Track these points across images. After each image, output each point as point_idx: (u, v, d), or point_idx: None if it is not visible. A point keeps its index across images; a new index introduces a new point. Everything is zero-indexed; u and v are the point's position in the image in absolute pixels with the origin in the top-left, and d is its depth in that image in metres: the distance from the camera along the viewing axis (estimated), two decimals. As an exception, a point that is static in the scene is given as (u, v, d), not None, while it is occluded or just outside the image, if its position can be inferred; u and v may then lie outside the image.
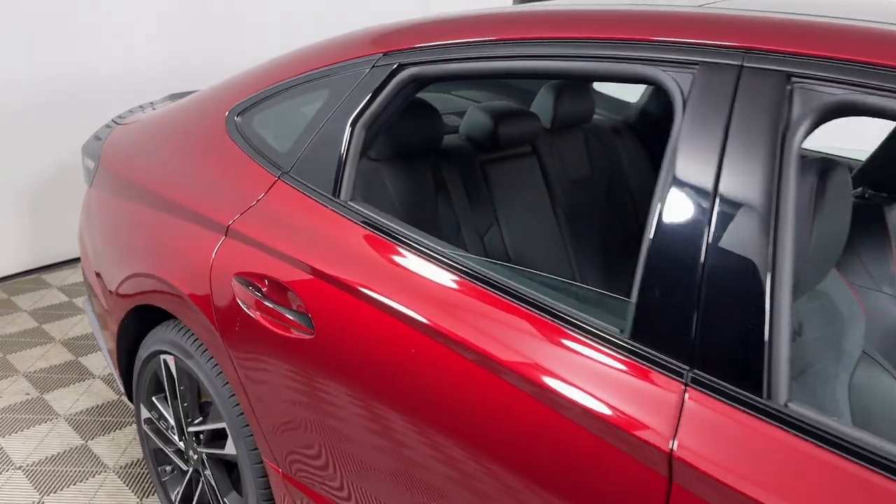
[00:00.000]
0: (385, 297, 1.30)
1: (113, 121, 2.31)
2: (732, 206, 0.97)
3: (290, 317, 1.45)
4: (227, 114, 1.80)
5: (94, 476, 2.33)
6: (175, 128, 1.96)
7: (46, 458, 2.40)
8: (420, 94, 1.85)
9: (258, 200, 1.60)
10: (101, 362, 2.96)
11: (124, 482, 2.30)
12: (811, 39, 0.97)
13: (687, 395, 0.96)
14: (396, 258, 1.35)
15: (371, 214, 1.44)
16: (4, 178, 3.56)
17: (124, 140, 2.12)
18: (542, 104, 2.33)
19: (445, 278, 1.26)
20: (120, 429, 2.56)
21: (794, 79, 0.97)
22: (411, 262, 1.32)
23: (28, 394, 2.75)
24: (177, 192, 1.79)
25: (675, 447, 0.94)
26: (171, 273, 1.73)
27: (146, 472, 2.30)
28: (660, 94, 2.54)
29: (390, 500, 1.35)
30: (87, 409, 2.67)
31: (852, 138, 2.05)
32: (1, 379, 2.84)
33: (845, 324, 1.40)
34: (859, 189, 1.84)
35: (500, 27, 1.31)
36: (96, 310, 2.18)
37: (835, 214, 1.19)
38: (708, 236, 0.98)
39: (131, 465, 2.38)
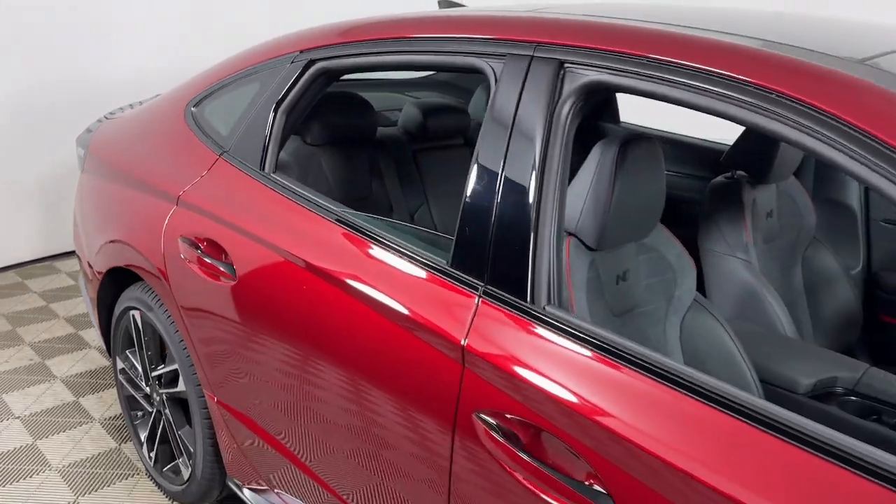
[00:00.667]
0: (287, 247, 1.61)
1: (104, 116, 2.67)
2: (515, 164, 1.27)
3: (221, 267, 1.77)
4: (185, 105, 2.14)
5: (81, 426, 2.66)
6: (146, 118, 2.30)
7: (42, 410, 2.74)
8: (369, 94, 2.18)
9: (202, 176, 1.93)
10: (99, 337, 3.31)
11: (107, 431, 2.63)
12: (578, 35, 1.27)
13: (479, 303, 1.25)
14: (301, 217, 1.66)
15: (288, 184, 1.75)
16: (20, 175, 3.95)
17: (109, 131, 2.47)
18: (478, 103, 2.64)
19: (332, 229, 1.57)
20: (107, 389, 2.90)
21: (565, 64, 1.26)
22: (312, 219, 1.63)
23: (31, 359, 3.11)
24: (143, 170, 2.13)
25: (466, 342, 1.23)
26: (135, 238, 2.06)
27: (125, 423, 2.62)
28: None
29: (288, 405, 1.65)
30: (81, 373, 3.02)
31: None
32: (9, 347, 3.21)
33: (676, 275, 1.67)
34: (729, 172, 2.12)
35: (382, 30, 1.63)
36: (85, 281, 2.53)
37: (638, 178, 1.47)
38: (498, 187, 1.28)
39: (114, 417, 2.71)
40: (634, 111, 2.83)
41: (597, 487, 1.05)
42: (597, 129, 2.80)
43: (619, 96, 2.82)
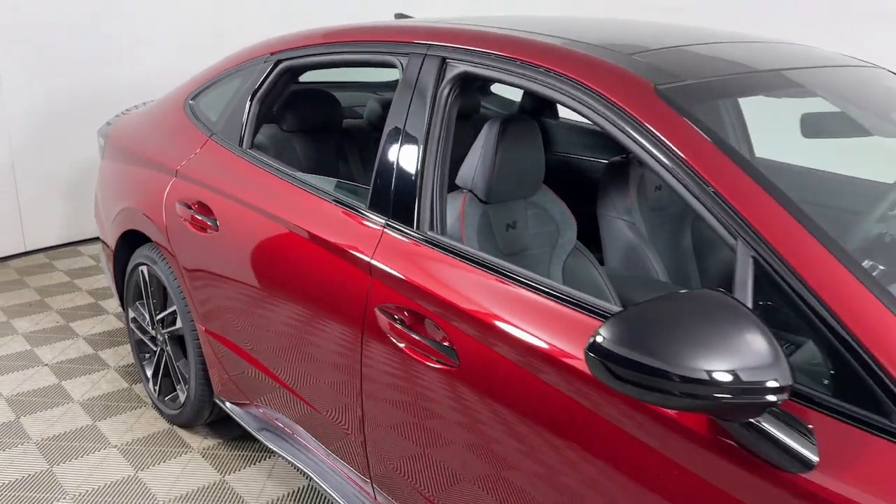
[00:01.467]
0: (257, 203, 2.10)
1: (121, 112, 3.19)
2: (411, 131, 1.74)
3: (208, 222, 2.26)
4: (185, 99, 2.65)
5: (99, 371, 3.16)
6: (154, 111, 2.81)
7: (67, 360, 3.25)
8: (344, 93, 2.66)
9: (196, 153, 2.43)
10: (116, 304, 3.82)
11: (120, 376, 3.13)
12: (455, 39, 1.75)
13: (383, 231, 1.73)
14: (268, 181, 2.14)
15: (260, 157, 2.24)
16: (48, 170, 4.50)
17: (124, 123, 2.99)
18: (371, 110, 3.10)
19: (290, 189, 2.05)
20: (122, 345, 3.40)
21: (447, 60, 1.74)
22: (275, 182, 2.11)
23: (57, 322, 3.63)
24: (150, 152, 2.64)
25: (373, 259, 1.71)
26: (143, 204, 2.57)
27: (135, 371, 3.11)
28: (530, 95, 3.31)
29: (257, 326, 2.13)
30: (100, 332, 3.53)
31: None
32: (39, 313, 3.73)
33: (559, 227, 2.13)
34: (625, 154, 2.58)
35: (329, 36, 2.12)
36: (103, 250, 3.03)
37: (517, 149, 1.93)
38: (399, 148, 1.76)
39: (127, 366, 3.21)
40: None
41: (446, 344, 1.52)
42: (541, 123, 3.27)
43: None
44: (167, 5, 4.76)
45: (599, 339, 1.04)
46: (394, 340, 1.64)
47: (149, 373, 2.84)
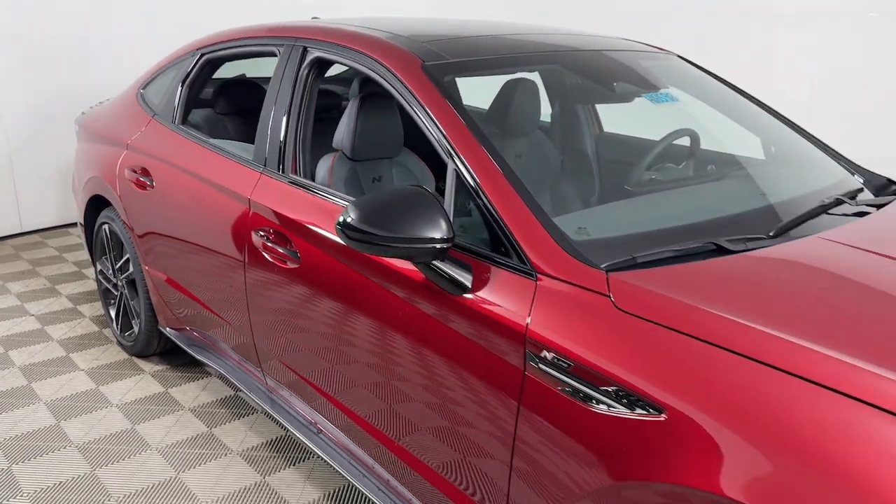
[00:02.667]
0: (183, 165, 2.71)
1: (94, 105, 3.82)
2: (282, 102, 2.35)
3: (147, 182, 2.88)
4: (137, 89, 3.28)
5: (76, 320, 3.78)
6: (116, 102, 3.45)
7: (50, 312, 3.88)
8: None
9: (142, 130, 3.05)
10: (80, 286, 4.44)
11: (93, 323, 3.76)
12: (314, 34, 2.36)
13: (261, 176, 2.34)
14: (192, 149, 2.76)
15: (186, 130, 2.86)
16: (43, 160, 5.15)
17: (94, 112, 3.63)
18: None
19: (208, 153, 2.66)
20: (95, 301, 4.02)
21: (307, 48, 2.35)
22: (198, 149, 2.73)
23: (45, 285, 4.26)
24: (110, 132, 3.27)
25: (251, 196, 2.32)
26: (103, 173, 3.20)
27: (104, 318, 3.72)
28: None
29: (186, 259, 2.75)
30: (80, 293, 4.16)
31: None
32: (29, 279, 4.36)
33: (419, 181, 2.73)
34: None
35: (235, 34, 2.74)
36: (78, 216, 3.67)
37: (375, 117, 2.52)
38: (276, 114, 2.36)
39: (99, 316, 3.83)
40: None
41: (292, 249, 2.13)
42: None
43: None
44: (151, 15, 5.41)
45: (345, 218, 1.64)
46: (264, 254, 2.24)
47: (112, 314, 3.46)
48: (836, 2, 5.04)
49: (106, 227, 3.32)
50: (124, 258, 3.22)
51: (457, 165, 1.76)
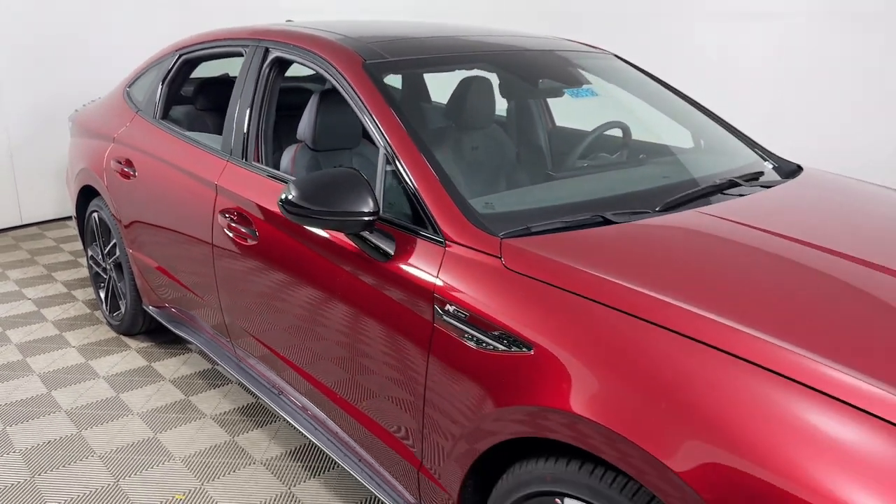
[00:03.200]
0: (160, 155, 2.98)
1: (86, 104, 4.10)
2: (246, 96, 2.62)
3: (130, 172, 3.15)
4: (124, 87, 3.55)
5: (69, 303, 4.06)
6: (105, 101, 3.72)
7: (46, 296, 4.15)
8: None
9: (126, 125, 3.33)
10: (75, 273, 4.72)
11: (85, 306, 4.03)
12: (275, 36, 2.62)
13: (226, 164, 2.60)
14: (171, 142, 3.03)
15: (167, 125, 3.13)
16: (42, 157, 5.43)
17: (86, 110, 3.91)
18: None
19: (182, 144, 2.93)
20: (87, 287, 4.30)
21: (269, 49, 2.62)
22: (172, 140, 3.00)
23: (42, 273, 4.54)
24: (99, 128, 3.54)
25: (218, 182, 2.59)
26: (92, 165, 3.47)
27: (94, 300, 3.99)
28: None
29: (164, 241, 3.02)
30: (75, 279, 4.44)
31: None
32: (28, 266, 4.65)
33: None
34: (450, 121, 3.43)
35: (209, 37, 3.01)
36: (72, 206, 3.94)
37: (333, 112, 2.79)
38: (241, 106, 2.63)
39: (91, 299, 4.11)
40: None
41: (251, 228, 2.39)
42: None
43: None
44: (145, 18, 5.69)
45: (286, 195, 1.90)
46: (228, 234, 2.51)
47: (102, 296, 3.74)
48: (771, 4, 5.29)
49: (95, 215, 3.60)
50: (112, 243, 3.50)
51: (387, 151, 2.02)
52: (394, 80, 3.31)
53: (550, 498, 1.54)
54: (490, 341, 1.61)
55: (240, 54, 2.79)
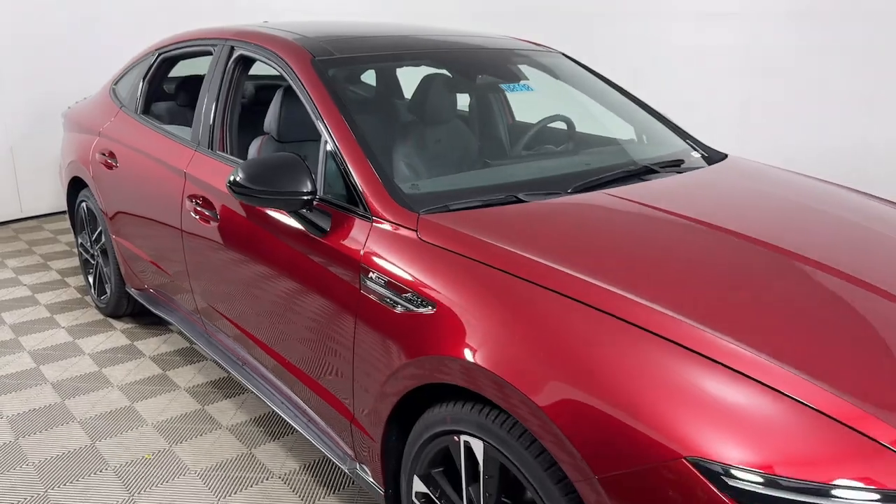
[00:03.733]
0: (139, 147, 3.23)
1: (78, 101, 4.36)
2: (213, 89, 2.86)
3: (113, 162, 3.40)
4: (110, 85, 3.80)
5: (61, 289, 4.31)
6: (93, 98, 3.98)
7: (41, 282, 4.41)
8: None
9: (111, 120, 3.57)
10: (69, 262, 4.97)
11: (76, 290, 4.28)
12: (241, 36, 2.86)
13: (194, 153, 2.84)
14: (149, 135, 3.27)
15: (148, 120, 3.37)
16: (41, 152, 5.69)
17: (77, 107, 4.16)
18: None
19: (157, 136, 3.17)
20: (78, 275, 4.54)
21: (234, 48, 2.85)
22: (150, 133, 3.24)
23: (39, 261, 4.79)
24: (87, 122, 3.79)
25: (186, 170, 2.82)
26: (80, 157, 3.72)
27: (85, 287, 4.23)
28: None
29: (144, 227, 3.25)
30: (69, 267, 4.69)
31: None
32: (25, 256, 4.91)
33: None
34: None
35: (184, 37, 3.25)
36: (64, 196, 4.20)
37: (295, 108, 3.02)
38: (208, 99, 2.87)
39: (81, 286, 4.36)
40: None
41: (213, 210, 2.63)
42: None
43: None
44: (143, 18, 5.95)
45: (234, 177, 2.13)
46: (194, 216, 2.74)
47: (91, 281, 3.99)
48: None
49: (84, 204, 3.84)
50: (98, 231, 3.74)
51: (328, 139, 2.25)
52: (369, 78, 3.56)
53: (451, 437, 1.76)
54: (403, 303, 1.83)
55: (210, 53, 3.02)
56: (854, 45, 5.04)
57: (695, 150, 2.84)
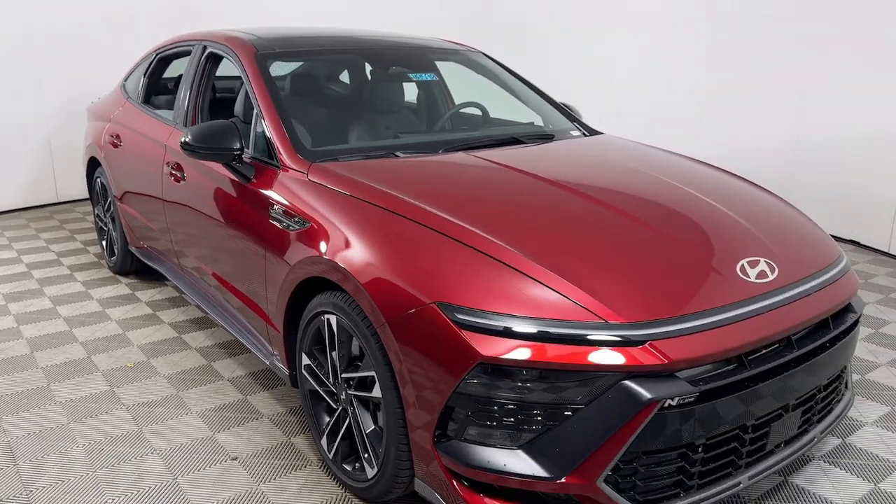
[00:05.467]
0: (137, 128, 3.99)
1: (103, 95, 5.18)
2: (190, 81, 3.60)
3: (118, 142, 4.18)
4: (122, 81, 4.60)
5: (84, 254, 5.12)
6: (108, 94, 4.79)
7: (67, 250, 5.23)
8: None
9: (120, 109, 4.36)
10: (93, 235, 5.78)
11: (95, 258, 5.08)
12: (209, 37, 3.60)
13: (173, 129, 3.58)
14: (144, 118, 4.03)
15: (144, 107, 4.14)
16: (76, 144, 6.56)
17: (98, 101, 4.98)
18: None
19: (151, 119, 3.93)
20: (95, 245, 5.35)
21: (206, 47, 3.59)
22: (146, 117, 4.00)
23: (68, 235, 5.63)
24: (102, 112, 4.60)
25: (166, 143, 3.56)
26: (95, 140, 4.52)
27: (98, 259, 5.02)
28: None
29: (135, 191, 4.01)
30: (93, 240, 5.51)
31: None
32: (56, 230, 5.75)
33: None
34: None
35: (176, 39, 4.02)
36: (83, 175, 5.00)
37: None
38: (184, 89, 3.61)
39: (100, 252, 5.16)
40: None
41: (182, 171, 3.35)
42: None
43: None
44: (167, 25, 6.79)
45: (184, 138, 2.85)
46: (170, 178, 3.48)
47: (104, 244, 4.78)
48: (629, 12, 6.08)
49: (98, 180, 4.64)
50: (108, 201, 4.53)
51: (258, 111, 2.95)
52: (345, 77, 4.25)
53: (320, 317, 2.43)
54: (292, 224, 2.52)
55: (189, 52, 3.77)
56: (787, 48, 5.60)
57: (578, 130, 3.48)
